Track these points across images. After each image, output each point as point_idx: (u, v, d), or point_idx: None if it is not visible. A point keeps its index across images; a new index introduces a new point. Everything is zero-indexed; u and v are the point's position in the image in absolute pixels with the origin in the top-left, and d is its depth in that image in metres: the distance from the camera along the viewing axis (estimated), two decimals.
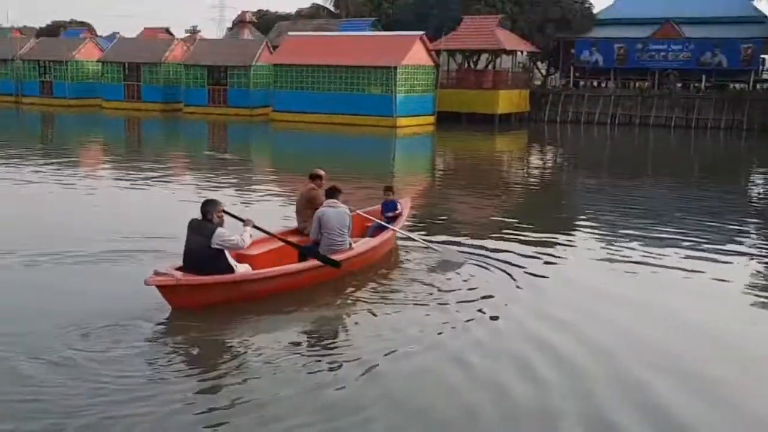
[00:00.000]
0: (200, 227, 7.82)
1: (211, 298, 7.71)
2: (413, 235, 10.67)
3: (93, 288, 8.38)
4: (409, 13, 44.68)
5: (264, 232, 8.79)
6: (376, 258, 9.79)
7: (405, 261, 10.03)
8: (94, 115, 39.53)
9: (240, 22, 52.40)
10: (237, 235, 7.93)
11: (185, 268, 7.78)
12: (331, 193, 9.36)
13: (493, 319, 7.74)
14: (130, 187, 16.17)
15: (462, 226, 12.82)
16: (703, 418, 5.70)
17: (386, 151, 27.92)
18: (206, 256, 7.70)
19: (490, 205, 15.76)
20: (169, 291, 7.52)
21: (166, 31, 51.53)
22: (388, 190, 11.19)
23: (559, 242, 11.65)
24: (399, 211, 10.90)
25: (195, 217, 7.97)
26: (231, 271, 7.89)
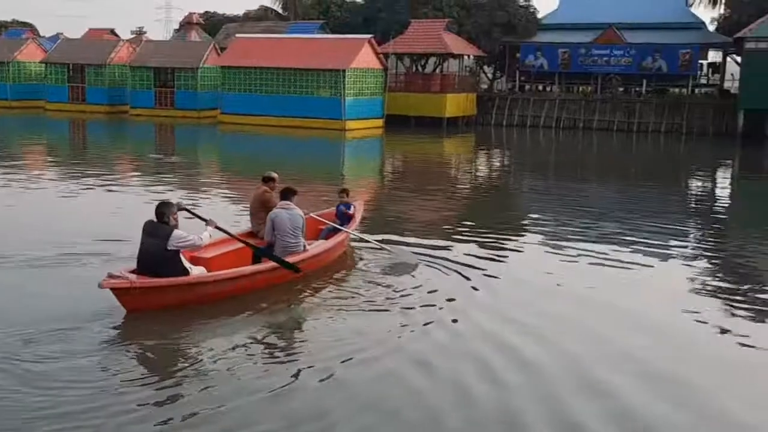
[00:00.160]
0: (156, 229, 7.72)
1: (166, 301, 7.61)
2: (367, 237, 10.72)
3: (42, 292, 8.15)
4: (358, 16, 44.76)
5: (225, 233, 8.77)
6: (330, 260, 9.83)
7: (360, 263, 10.04)
8: (37, 117, 38.46)
9: (187, 24, 51.68)
10: (194, 235, 7.88)
11: (139, 271, 7.68)
12: (286, 195, 9.35)
13: (453, 321, 7.76)
14: (76, 190, 15.78)
15: (414, 228, 12.89)
16: (662, 413, 5.78)
17: (336, 154, 27.92)
18: (162, 258, 7.61)
19: (440, 207, 15.91)
20: (123, 294, 7.40)
21: (111, 32, 50.44)
22: (343, 193, 11.23)
23: (510, 242, 11.85)
24: (352, 213, 10.97)
25: (147, 219, 7.84)
26: (186, 273, 7.80)
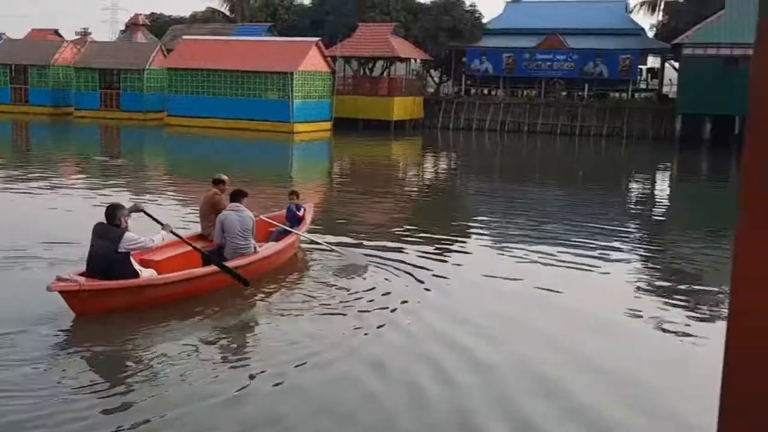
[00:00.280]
0: (106, 231, 7.61)
1: (116, 304, 7.51)
2: (317, 239, 10.77)
3: None
4: (305, 19, 44.68)
5: (179, 239, 8.68)
6: (280, 262, 9.83)
7: (310, 265, 10.06)
8: None
9: (133, 25, 50.74)
10: (145, 237, 7.80)
11: (89, 273, 7.56)
12: (235, 197, 9.33)
13: (405, 322, 7.81)
14: (20, 193, 15.45)
15: (363, 230, 12.96)
16: (612, 410, 5.90)
17: (284, 157, 27.86)
18: (112, 260, 7.51)
19: (389, 209, 16.04)
20: (72, 297, 7.27)
21: (55, 32, 49.26)
22: (293, 195, 11.23)
23: (459, 244, 12.04)
24: (302, 216, 10.99)
25: (97, 221, 7.74)
26: (136, 275, 7.71)
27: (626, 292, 9.43)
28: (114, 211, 7.72)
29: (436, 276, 9.65)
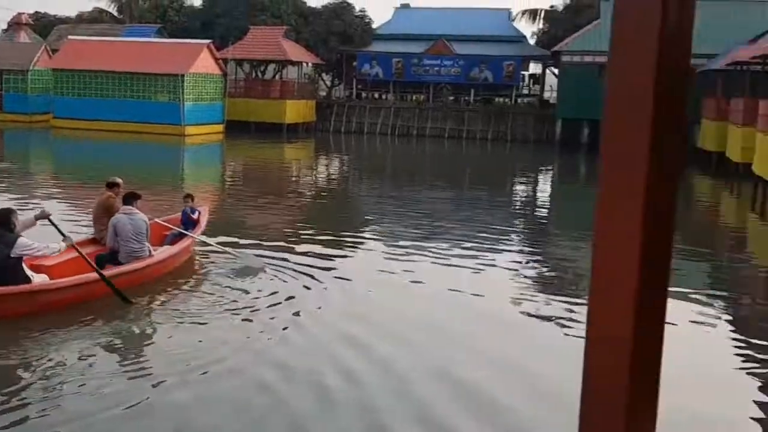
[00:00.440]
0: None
1: (8, 310, 7.31)
2: (212, 242, 10.74)
3: None
4: (196, 21, 43.88)
5: (79, 254, 8.37)
6: (176, 265, 9.75)
7: (208, 269, 10.01)
8: None
9: (15, 24, 48.21)
10: (39, 243, 7.65)
11: None
12: (128, 200, 9.22)
13: (308, 323, 7.88)
14: None
15: (258, 233, 13.00)
16: (513, 402, 6.19)
17: (176, 160, 27.36)
18: (4, 265, 7.33)
19: (283, 211, 16.12)
20: None
21: None
22: (188, 198, 11.17)
23: (353, 244, 12.32)
24: (197, 219, 10.96)
25: None
26: (28, 281, 7.56)
27: (514, 289, 9.93)
28: (8, 216, 7.59)
29: (335, 277, 9.82)
